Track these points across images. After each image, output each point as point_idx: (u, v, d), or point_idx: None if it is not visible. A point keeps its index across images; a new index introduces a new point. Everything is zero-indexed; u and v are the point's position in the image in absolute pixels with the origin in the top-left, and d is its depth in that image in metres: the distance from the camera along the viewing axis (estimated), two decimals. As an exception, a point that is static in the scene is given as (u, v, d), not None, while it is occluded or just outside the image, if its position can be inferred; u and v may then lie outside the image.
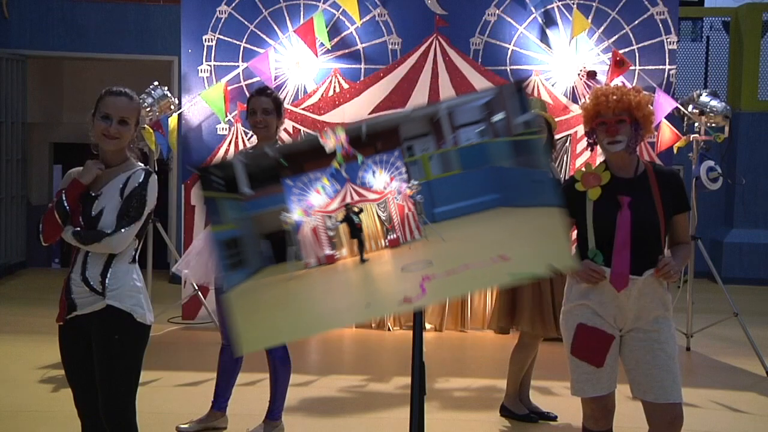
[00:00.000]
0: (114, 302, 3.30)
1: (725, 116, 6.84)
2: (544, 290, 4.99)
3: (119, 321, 3.31)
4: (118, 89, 3.39)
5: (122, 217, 3.30)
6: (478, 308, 7.58)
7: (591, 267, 3.40)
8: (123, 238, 3.30)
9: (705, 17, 12.94)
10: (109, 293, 3.31)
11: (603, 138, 3.47)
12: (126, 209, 3.31)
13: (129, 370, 3.35)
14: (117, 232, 3.28)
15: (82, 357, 3.39)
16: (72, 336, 3.39)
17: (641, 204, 3.44)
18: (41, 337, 6.59)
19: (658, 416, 3.43)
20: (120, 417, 3.35)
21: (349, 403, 5.49)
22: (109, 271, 3.32)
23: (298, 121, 7.36)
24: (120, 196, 3.33)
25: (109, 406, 3.33)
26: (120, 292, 3.32)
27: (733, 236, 10.93)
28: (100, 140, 3.36)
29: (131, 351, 3.35)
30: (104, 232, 3.28)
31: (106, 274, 3.31)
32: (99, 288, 3.31)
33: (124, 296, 3.32)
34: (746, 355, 6.68)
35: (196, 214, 7.39)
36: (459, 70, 7.36)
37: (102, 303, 3.31)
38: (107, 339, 3.31)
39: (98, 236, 3.28)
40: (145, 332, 3.39)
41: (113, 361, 3.31)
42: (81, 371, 3.40)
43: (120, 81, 4.09)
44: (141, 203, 3.33)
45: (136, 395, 3.41)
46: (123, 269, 3.35)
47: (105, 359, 3.31)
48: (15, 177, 10.20)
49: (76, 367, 3.41)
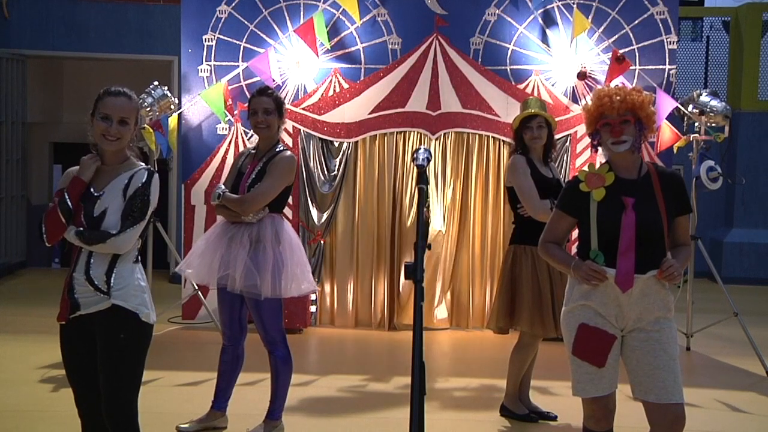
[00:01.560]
0: (119, 302, 3.30)
1: (725, 116, 6.84)
2: (543, 290, 4.98)
3: (124, 320, 3.31)
4: (117, 89, 3.38)
5: (126, 217, 3.30)
6: (478, 308, 7.58)
7: (593, 268, 3.41)
8: (128, 239, 3.30)
9: (705, 17, 12.96)
10: (115, 293, 3.30)
11: (608, 139, 3.47)
12: (130, 209, 3.30)
13: (133, 370, 3.35)
14: (122, 233, 3.28)
15: (84, 356, 3.38)
16: (75, 335, 3.39)
17: (645, 205, 3.44)
18: (41, 337, 6.59)
19: (659, 417, 3.43)
20: (122, 417, 3.34)
21: (349, 403, 5.49)
22: (114, 271, 3.31)
23: (298, 121, 7.36)
24: (123, 196, 3.32)
25: (112, 405, 3.32)
26: (125, 292, 3.32)
27: (733, 236, 10.94)
28: (99, 141, 3.35)
29: (135, 350, 3.35)
30: (109, 232, 3.28)
31: (111, 274, 3.31)
32: (104, 288, 3.30)
33: (129, 296, 3.32)
34: (746, 355, 6.68)
35: (196, 214, 7.39)
36: (459, 70, 7.36)
37: (107, 302, 3.30)
38: (112, 338, 3.31)
39: (103, 237, 3.27)
40: (148, 331, 3.39)
41: (118, 361, 3.31)
42: (82, 371, 3.40)
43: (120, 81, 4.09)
44: (145, 203, 3.33)
45: (139, 395, 3.41)
46: (128, 269, 3.35)
47: (109, 358, 3.31)
48: (15, 177, 10.20)
49: (78, 366, 3.41)
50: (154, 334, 3.51)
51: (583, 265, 3.43)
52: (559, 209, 3.61)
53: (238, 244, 4.58)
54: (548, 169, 5.19)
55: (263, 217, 4.61)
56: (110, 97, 3.35)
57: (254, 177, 4.63)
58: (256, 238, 4.58)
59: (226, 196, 4.61)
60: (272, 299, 4.58)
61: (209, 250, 4.67)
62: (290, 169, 4.67)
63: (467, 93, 7.37)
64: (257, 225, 4.60)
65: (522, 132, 5.13)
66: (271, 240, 4.59)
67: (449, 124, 7.34)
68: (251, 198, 4.57)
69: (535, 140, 5.11)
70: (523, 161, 5.08)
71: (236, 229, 4.62)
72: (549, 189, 5.01)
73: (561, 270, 3.78)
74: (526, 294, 4.98)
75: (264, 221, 4.61)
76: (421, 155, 3.47)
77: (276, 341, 4.67)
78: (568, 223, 3.59)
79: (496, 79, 7.37)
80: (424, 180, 3.14)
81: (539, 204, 4.94)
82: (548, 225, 3.65)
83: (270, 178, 4.59)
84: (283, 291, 4.59)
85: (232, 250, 4.57)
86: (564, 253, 3.62)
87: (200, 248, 4.74)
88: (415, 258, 2.85)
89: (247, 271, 4.53)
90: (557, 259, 3.59)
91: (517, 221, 5.15)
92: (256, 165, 4.68)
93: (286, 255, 4.61)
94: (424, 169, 3.31)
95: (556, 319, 4.92)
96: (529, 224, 5.00)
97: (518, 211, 5.10)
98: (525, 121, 5.12)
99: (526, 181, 5.01)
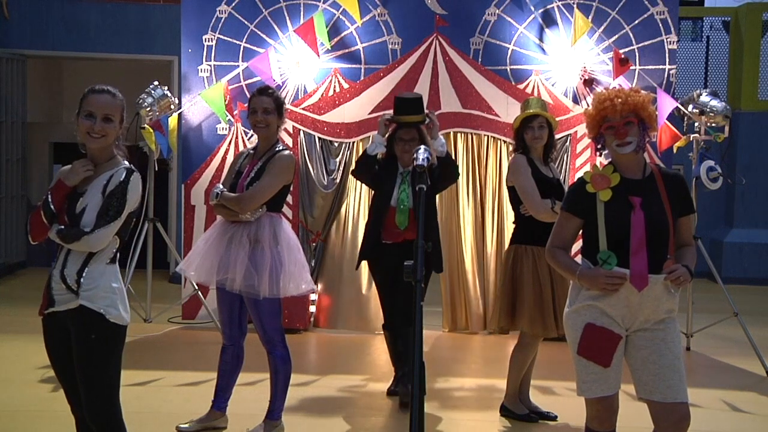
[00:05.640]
0: (86, 302, 3.30)
1: (725, 116, 6.84)
2: (544, 290, 4.98)
3: (92, 321, 3.30)
4: (101, 87, 3.40)
5: (102, 215, 3.29)
6: (477, 308, 7.58)
7: (609, 274, 3.39)
8: (101, 237, 3.28)
9: (705, 17, 12.96)
10: (83, 293, 3.30)
11: (612, 141, 3.47)
12: (106, 208, 3.30)
13: (106, 370, 3.34)
14: (95, 231, 3.27)
15: (65, 353, 3.39)
16: (53, 332, 3.41)
17: (652, 205, 3.45)
18: (41, 337, 6.50)
19: (664, 416, 3.42)
20: (103, 416, 3.35)
21: (349, 403, 5.50)
22: (85, 271, 3.31)
23: (298, 120, 7.36)
24: (102, 195, 3.32)
25: (91, 405, 3.33)
26: (94, 293, 3.30)
27: (733, 236, 10.93)
28: (85, 139, 3.35)
29: (105, 351, 3.33)
30: (83, 230, 3.28)
31: (81, 273, 3.31)
32: (74, 286, 3.30)
33: (98, 297, 3.31)
34: (746, 355, 6.68)
35: (196, 214, 7.39)
36: (459, 70, 7.36)
37: (76, 302, 3.30)
38: (83, 339, 3.31)
39: (78, 234, 3.28)
40: (120, 332, 3.37)
41: (89, 361, 3.31)
42: (65, 366, 3.41)
43: (120, 81, 4.10)
44: (121, 202, 3.32)
45: (119, 394, 3.40)
46: (99, 269, 3.34)
47: (81, 359, 3.32)
48: (15, 177, 10.20)
49: (61, 362, 3.43)
50: (154, 335, 3.51)
51: (598, 275, 3.40)
52: (565, 211, 3.60)
53: (237, 244, 4.58)
54: (548, 168, 5.20)
55: (261, 215, 4.61)
56: (94, 94, 3.36)
57: (253, 176, 4.64)
58: (255, 238, 4.59)
59: (224, 195, 4.62)
60: (271, 299, 4.58)
61: (209, 250, 4.67)
62: (289, 168, 4.67)
63: (467, 93, 7.37)
64: (255, 224, 4.60)
65: (523, 132, 5.14)
66: (269, 240, 4.59)
67: (449, 124, 7.33)
68: (249, 196, 4.57)
69: (536, 140, 5.11)
70: (524, 161, 5.08)
71: (235, 228, 4.62)
72: (550, 189, 5.02)
73: (566, 277, 3.77)
74: (526, 294, 4.98)
75: (262, 221, 4.61)
76: (421, 155, 3.47)
77: (275, 341, 4.67)
78: (576, 224, 3.58)
79: (496, 79, 7.37)
80: (423, 180, 3.14)
81: (540, 203, 4.94)
82: (555, 229, 3.63)
83: (268, 176, 4.59)
84: (281, 291, 4.59)
85: (232, 250, 4.57)
86: (570, 260, 3.59)
87: (200, 248, 4.75)
88: (414, 258, 2.85)
89: (246, 272, 4.53)
90: (563, 266, 3.57)
91: (518, 221, 5.15)
92: (255, 164, 4.68)
93: (284, 255, 4.61)
94: (424, 169, 3.31)
95: (557, 319, 4.92)
96: (530, 224, 5.01)
97: (519, 210, 5.10)
98: (526, 120, 5.13)
99: (527, 180, 5.01)
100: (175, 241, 8.81)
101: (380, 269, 5.52)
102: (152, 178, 7.24)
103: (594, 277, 3.42)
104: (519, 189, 5.05)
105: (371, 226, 5.51)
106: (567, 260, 3.58)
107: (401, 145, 5.38)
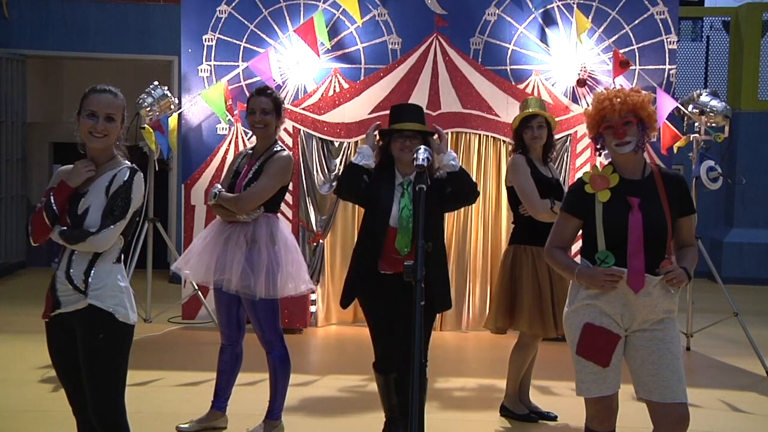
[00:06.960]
0: (95, 302, 3.29)
1: (725, 116, 6.84)
2: (543, 290, 4.98)
3: (101, 321, 3.29)
4: (102, 87, 3.39)
5: (107, 216, 3.29)
6: (477, 308, 7.58)
7: (607, 272, 3.39)
8: (107, 237, 3.28)
9: (705, 17, 12.96)
10: (92, 292, 3.29)
11: (611, 141, 3.47)
12: (111, 208, 3.29)
13: (113, 370, 3.34)
14: (101, 231, 3.27)
15: (69, 354, 3.38)
16: (58, 333, 3.39)
17: (650, 205, 3.45)
18: (41, 337, 6.47)
19: (664, 416, 3.42)
20: (108, 417, 3.34)
21: (349, 403, 5.49)
22: (93, 271, 3.31)
23: (298, 120, 7.36)
24: (105, 195, 3.31)
25: (96, 405, 3.33)
26: (102, 292, 3.30)
27: (733, 236, 10.93)
28: (86, 139, 3.35)
29: (113, 351, 3.33)
30: (89, 231, 3.27)
31: (89, 273, 3.30)
32: (82, 287, 3.30)
33: (106, 296, 3.31)
34: (746, 355, 6.68)
35: (196, 214, 7.39)
36: (459, 70, 7.36)
37: (84, 302, 3.29)
38: (90, 339, 3.30)
39: (83, 235, 3.27)
40: (128, 332, 3.37)
41: (96, 361, 3.30)
42: (69, 369, 3.40)
43: (120, 81, 4.09)
44: (126, 202, 3.31)
45: (124, 394, 3.40)
46: (106, 269, 3.33)
47: (88, 359, 3.31)
48: (15, 177, 10.20)
49: (65, 364, 3.41)
50: (154, 335, 3.51)
51: (596, 273, 3.41)
52: (564, 211, 3.60)
53: (234, 244, 4.57)
54: (547, 168, 5.19)
55: (258, 216, 4.60)
56: (96, 94, 3.36)
57: (251, 176, 4.63)
58: (252, 239, 4.58)
59: (222, 195, 4.61)
60: (268, 299, 4.57)
61: (206, 250, 4.66)
62: (287, 169, 4.67)
63: (467, 93, 7.37)
64: (252, 225, 4.60)
65: (522, 131, 5.13)
66: (266, 240, 4.59)
67: (449, 124, 7.33)
68: (247, 196, 4.57)
69: (535, 140, 5.11)
70: (523, 161, 5.08)
71: (232, 229, 4.62)
72: (549, 189, 5.01)
73: (565, 276, 3.77)
74: (526, 294, 4.98)
75: (259, 221, 4.61)
76: (421, 155, 3.46)
77: (273, 341, 4.67)
78: (575, 225, 3.58)
79: (496, 79, 7.37)
80: (423, 180, 3.14)
81: (540, 203, 4.94)
82: (554, 229, 3.64)
83: (266, 176, 4.59)
84: (278, 291, 4.59)
85: (229, 251, 4.57)
86: (569, 259, 3.60)
87: (197, 248, 4.74)
88: (414, 258, 2.85)
89: (242, 272, 4.53)
90: (562, 265, 3.58)
91: (517, 221, 5.15)
92: (253, 164, 4.68)
93: (281, 255, 4.61)
94: (423, 169, 3.31)
95: (556, 319, 4.92)
96: (529, 224, 5.01)
97: (518, 210, 5.10)
98: (525, 120, 5.12)
99: (526, 180, 5.01)
100: (175, 241, 8.81)
101: (378, 308, 4.39)
102: (152, 178, 7.23)
103: (592, 275, 3.42)
104: (518, 189, 5.05)
105: (364, 254, 4.40)
106: (566, 260, 3.58)
107: (400, 142, 4.35)
